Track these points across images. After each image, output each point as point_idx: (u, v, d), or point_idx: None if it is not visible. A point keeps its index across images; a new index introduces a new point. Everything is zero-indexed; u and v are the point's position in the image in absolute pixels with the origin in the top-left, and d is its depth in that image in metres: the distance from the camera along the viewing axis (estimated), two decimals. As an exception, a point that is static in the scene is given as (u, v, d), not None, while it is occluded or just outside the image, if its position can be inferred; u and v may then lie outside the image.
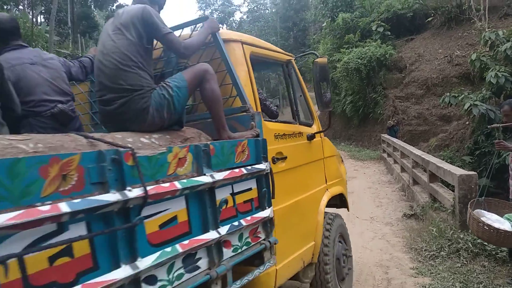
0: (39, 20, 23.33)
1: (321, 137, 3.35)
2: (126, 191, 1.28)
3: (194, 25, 2.40)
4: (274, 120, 2.70)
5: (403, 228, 5.89)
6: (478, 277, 3.78)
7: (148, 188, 1.35)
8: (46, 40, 15.89)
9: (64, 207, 1.09)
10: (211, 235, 1.68)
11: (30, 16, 18.55)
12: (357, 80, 18.63)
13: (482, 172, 10.56)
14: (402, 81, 17.86)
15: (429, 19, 19.36)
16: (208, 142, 1.80)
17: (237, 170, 1.86)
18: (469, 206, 3.55)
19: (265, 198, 2.10)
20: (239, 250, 1.89)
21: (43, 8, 20.65)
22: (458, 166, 7.50)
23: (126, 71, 1.90)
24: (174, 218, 1.56)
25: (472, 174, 4.90)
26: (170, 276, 1.48)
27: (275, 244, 2.16)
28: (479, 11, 16.77)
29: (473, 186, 4.72)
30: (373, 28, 19.57)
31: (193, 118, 2.38)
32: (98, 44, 2.06)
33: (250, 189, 2.04)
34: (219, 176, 1.73)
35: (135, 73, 1.91)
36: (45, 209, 1.05)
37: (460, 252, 4.34)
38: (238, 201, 1.93)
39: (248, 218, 1.95)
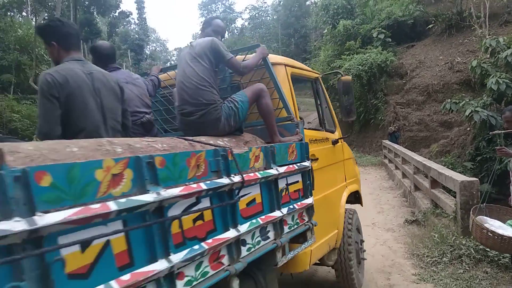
0: (42, 27, 23.44)
1: (341, 142, 3.84)
2: (231, 177, 1.81)
3: (248, 50, 2.95)
4: (308, 128, 3.18)
5: (404, 234, 5.88)
6: (481, 284, 3.77)
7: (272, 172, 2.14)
8: (49, 46, 15.98)
9: (203, 186, 1.63)
10: (276, 214, 2.23)
11: (33, 23, 18.68)
12: (358, 86, 18.68)
13: (484, 178, 10.55)
14: (403, 88, 17.92)
15: (430, 26, 19.45)
16: (273, 144, 2.34)
17: (291, 166, 2.41)
18: (471, 212, 3.55)
19: (308, 189, 2.65)
20: (292, 228, 2.44)
21: (46, 14, 20.79)
22: (460, 172, 7.50)
23: (203, 90, 2.47)
24: (254, 200, 2.09)
25: (474, 180, 4.91)
26: (253, 241, 2.02)
27: (314, 226, 2.69)
28: (479, 18, 16.85)
29: (474, 192, 4.72)
30: (374, 35, 19.68)
31: (246, 125, 2.85)
32: (178, 69, 2.68)
33: (298, 181, 2.57)
34: (281, 169, 2.27)
35: (209, 91, 2.48)
36: (193, 187, 1.57)
37: (462, 258, 4.33)
38: (291, 190, 2.46)
39: (298, 203, 2.50)
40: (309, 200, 2.62)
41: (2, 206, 0.97)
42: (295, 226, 2.48)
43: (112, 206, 1.20)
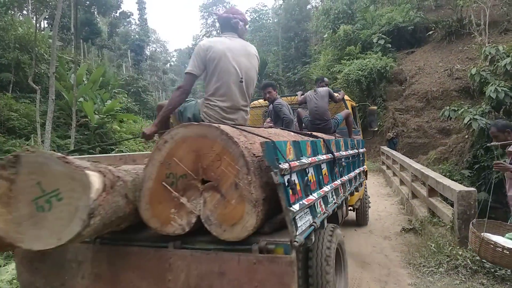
0: (42, 25, 23.48)
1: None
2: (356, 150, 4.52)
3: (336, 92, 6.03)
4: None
5: (401, 242, 5.86)
6: (477, 296, 3.75)
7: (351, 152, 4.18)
8: (48, 45, 15.96)
9: (340, 154, 3.46)
10: (356, 171, 4.40)
11: (34, 21, 18.61)
12: (357, 91, 18.72)
13: (481, 185, 10.57)
14: (402, 94, 17.97)
15: (430, 32, 19.52)
16: (354, 139, 4.81)
17: (361, 150, 4.96)
18: (471, 226, 3.51)
19: (363, 162, 5.25)
20: (361, 180, 4.98)
21: (47, 13, 20.77)
22: (457, 180, 7.49)
23: (326, 112, 5.51)
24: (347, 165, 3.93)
25: (472, 190, 4.89)
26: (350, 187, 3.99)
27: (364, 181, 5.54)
28: (479, 26, 16.92)
29: (472, 203, 4.70)
30: (374, 41, 19.75)
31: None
32: (311, 102, 5.62)
33: (360, 157, 4.91)
34: (361, 150, 4.88)
35: (328, 113, 5.54)
36: (328, 156, 3.04)
37: (459, 268, 4.31)
38: (358, 161, 4.83)
39: (361, 168, 4.93)
40: (363, 167, 5.29)
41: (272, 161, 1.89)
42: (361, 179, 5.06)
43: (317, 159, 2.62)
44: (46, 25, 25.78)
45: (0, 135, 11.48)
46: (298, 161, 2.18)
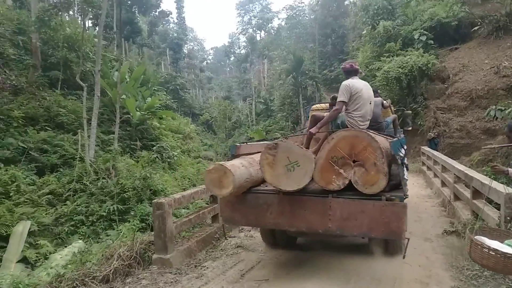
0: (87, 25, 24.56)
1: None
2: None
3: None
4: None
5: (443, 245, 5.72)
6: (525, 301, 3.62)
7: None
8: (93, 44, 16.70)
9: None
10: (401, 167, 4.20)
11: (80, 21, 19.53)
12: (397, 89, 18.25)
13: (529, 190, 10.06)
14: (444, 92, 17.33)
15: (475, 28, 18.69)
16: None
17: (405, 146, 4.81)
18: (467, 232, 3.36)
19: (405, 157, 4.60)
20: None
21: (91, 13, 21.70)
22: (502, 183, 7.16)
23: (379, 116, 6.12)
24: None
25: (520, 193, 4.69)
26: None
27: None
28: (530, 21, 16.01)
29: (521, 206, 4.52)
30: (416, 37, 19.15)
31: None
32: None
33: (405, 151, 4.65)
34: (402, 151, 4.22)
35: (381, 117, 6.33)
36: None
37: (505, 273, 4.17)
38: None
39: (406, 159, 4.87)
40: (406, 161, 4.73)
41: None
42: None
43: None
44: (90, 25, 26.94)
45: (50, 130, 12.15)
46: (404, 151, 4.20)
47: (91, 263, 5.17)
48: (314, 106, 8.11)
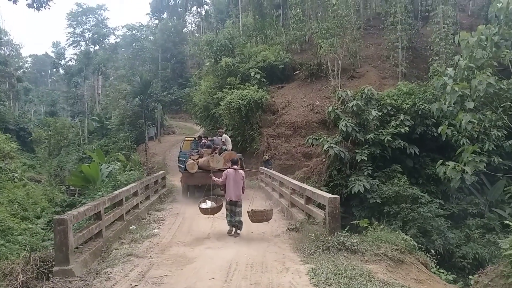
0: None
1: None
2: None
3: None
4: None
5: (289, 238, 7.91)
6: (342, 262, 5.89)
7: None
8: None
9: None
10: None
11: None
12: (237, 118, 21.02)
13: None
14: (274, 122, 20.97)
15: (296, 72, 23.29)
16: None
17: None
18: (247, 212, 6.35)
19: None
20: None
21: None
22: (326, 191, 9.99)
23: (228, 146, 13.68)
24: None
25: (336, 197, 7.18)
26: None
27: None
28: (333, 71, 21.17)
29: (337, 205, 6.99)
30: (252, 74, 22.57)
31: None
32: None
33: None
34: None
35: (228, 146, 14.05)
36: None
37: (330, 249, 6.47)
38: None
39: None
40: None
41: None
42: None
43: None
44: None
45: None
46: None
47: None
48: (186, 137, 12.50)
